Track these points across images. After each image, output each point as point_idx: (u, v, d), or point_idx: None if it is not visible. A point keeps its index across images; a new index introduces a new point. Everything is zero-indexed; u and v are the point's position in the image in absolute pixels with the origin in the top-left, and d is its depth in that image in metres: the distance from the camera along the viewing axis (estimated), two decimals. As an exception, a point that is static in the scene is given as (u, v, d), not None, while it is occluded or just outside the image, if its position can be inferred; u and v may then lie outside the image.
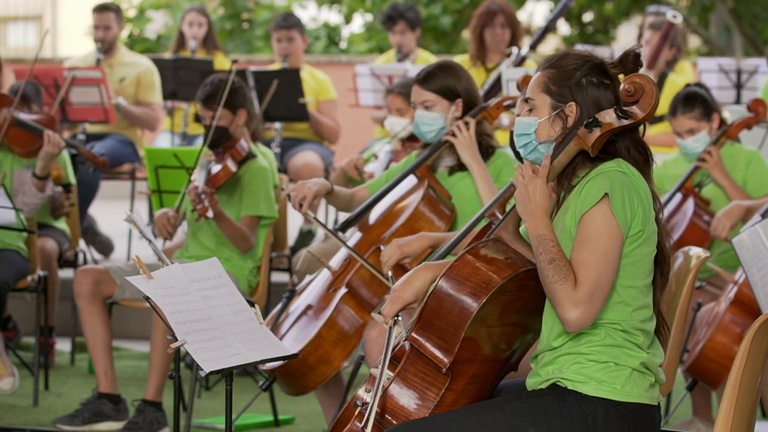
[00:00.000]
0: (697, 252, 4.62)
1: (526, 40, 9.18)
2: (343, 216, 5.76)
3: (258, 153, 6.41)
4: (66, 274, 7.67)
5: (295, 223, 8.73)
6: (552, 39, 19.36)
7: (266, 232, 6.41)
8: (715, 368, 5.59)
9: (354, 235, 5.52)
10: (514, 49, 8.44)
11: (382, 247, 5.09)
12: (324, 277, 5.50)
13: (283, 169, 8.42)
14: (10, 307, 7.24)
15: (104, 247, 9.06)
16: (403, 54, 9.28)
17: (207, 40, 9.73)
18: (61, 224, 7.28)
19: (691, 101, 6.36)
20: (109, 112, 8.39)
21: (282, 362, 5.00)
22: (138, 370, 7.24)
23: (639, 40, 9.21)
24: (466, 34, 15.08)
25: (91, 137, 8.46)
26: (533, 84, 3.74)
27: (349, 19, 19.60)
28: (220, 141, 6.29)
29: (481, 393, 3.69)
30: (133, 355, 7.67)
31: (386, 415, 3.65)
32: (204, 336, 3.94)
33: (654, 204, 3.68)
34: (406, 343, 3.71)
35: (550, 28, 8.92)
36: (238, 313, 4.06)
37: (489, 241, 3.69)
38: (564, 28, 19.97)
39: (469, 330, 3.57)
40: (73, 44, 25.20)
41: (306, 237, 8.68)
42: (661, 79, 8.73)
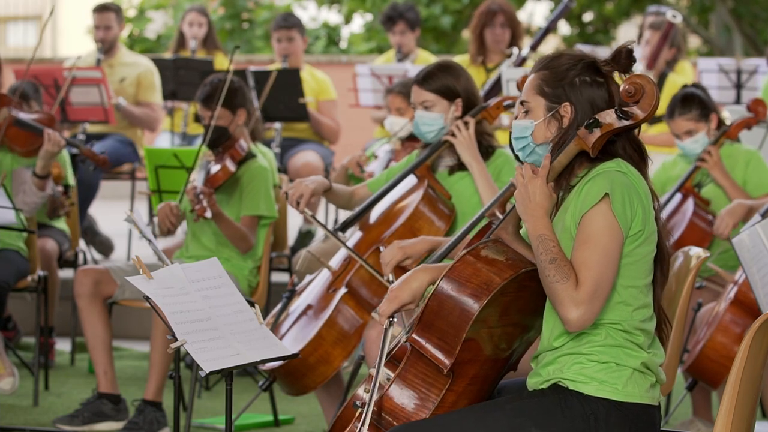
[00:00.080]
0: (697, 252, 4.62)
1: (527, 41, 9.18)
2: (344, 215, 5.75)
3: (258, 153, 6.41)
4: (66, 274, 7.67)
5: (295, 223, 8.73)
6: (552, 39, 19.35)
7: (266, 232, 6.41)
8: (715, 368, 5.59)
9: (354, 235, 5.52)
10: (515, 50, 8.44)
11: (382, 248, 5.08)
12: (324, 277, 5.49)
13: (283, 169, 8.42)
14: (10, 307, 7.24)
15: (104, 247, 9.05)
16: (403, 54, 9.27)
17: (207, 40, 9.73)
18: (61, 224, 7.27)
19: (689, 103, 6.36)
20: (109, 112, 8.39)
21: (282, 362, 5.00)
22: (138, 370, 7.24)
23: (639, 40, 9.20)
24: (466, 34, 15.07)
25: (91, 137, 8.45)
26: (527, 87, 3.74)
27: (349, 19, 19.60)
28: (219, 141, 6.29)
29: (482, 393, 3.69)
30: (133, 355, 7.66)
31: (387, 416, 3.65)
32: (204, 336, 3.94)
33: (653, 202, 3.68)
34: (407, 343, 3.71)
35: (551, 28, 8.92)
36: (238, 313, 4.06)
37: (489, 242, 3.68)
38: (564, 28, 19.97)
39: (470, 331, 3.56)
40: (73, 44, 25.19)
41: (305, 237, 8.68)
42: (661, 79, 8.72)
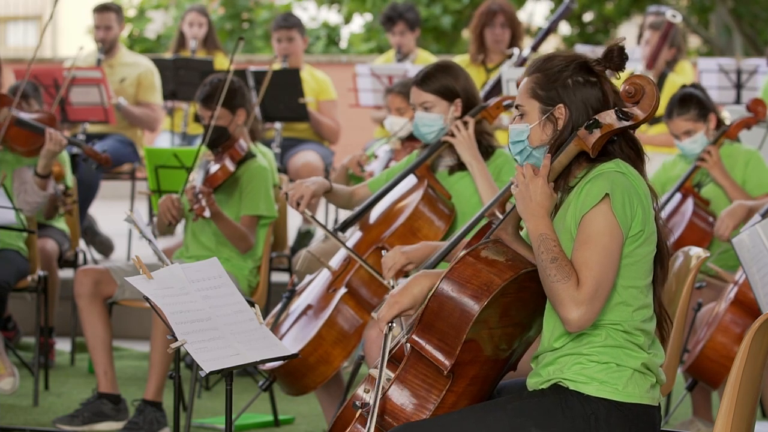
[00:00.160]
0: (697, 252, 4.62)
1: (527, 41, 9.18)
2: (343, 215, 5.75)
3: (257, 153, 6.41)
4: (66, 274, 7.67)
5: (294, 223, 8.73)
6: (552, 39, 19.36)
7: (266, 232, 6.41)
8: (715, 368, 5.58)
9: (354, 235, 5.52)
10: (516, 50, 8.44)
11: (384, 252, 5.07)
12: (324, 277, 5.49)
13: (283, 169, 8.42)
14: (10, 307, 7.24)
15: (104, 247, 9.05)
16: (403, 54, 9.27)
17: (207, 40, 9.73)
18: (61, 224, 7.27)
19: (687, 103, 6.36)
20: (109, 112, 8.39)
21: (282, 362, 5.00)
22: (138, 370, 7.24)
23: (639, 40, 9.21)
24: (466, 34, 15.07)
25: (91, 137, 8.45)
26: (521, 90, 3.74)
27: (348, 19, 19.61)
28: (218, 141, 6.29)
29: (482, 394, 3.69)
30: (133, 355, 7.66)
31: (387, 416, 3.64)
32: (204, 336, 3.94)
33: (652, 202, 3.68)
34: (407, 344, 3.71)
35: (552, 29, 8.91)
36: (238, 313, 4.06)
37: (489, 243, 3.68)
38: (564, 28, 19.98)
39: (470, 332, 3.56)
40: (73, 44, 25.19)
41: (305, 237, 8.68)
42: (661, 79, 8.72)
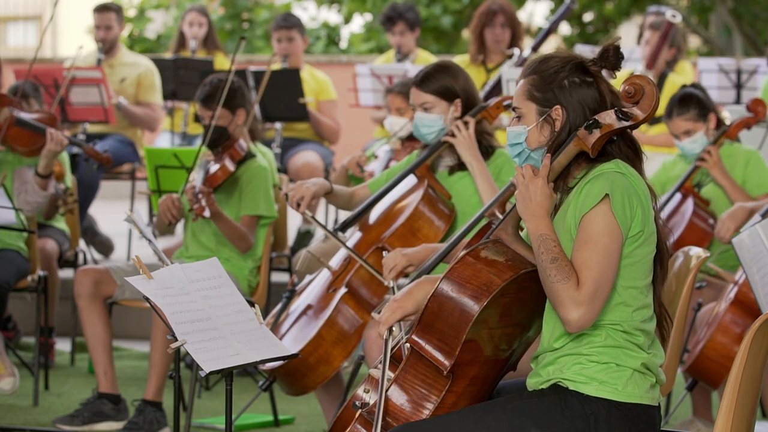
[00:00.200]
0: (697, 252, 4.62)
1: (527, 41, 9.18)
2: (344, 215, 5.75)
3: (257, 152, 6.41)
4: (66, 274, 7.67)
5: (295, 223, 8.73)
6: (552, 39, 19.36)
7: (266, 232, 6.41)
8: (715, 368, 5.58)
9: (354, 235, 5.52)
10: (516, 51, 8.44)
11: (384, 253, 5.07)
12: (324, 277, 5.49)
13: (283, 169, 8.42)
14: (10, 307, 7.24)
15: (104, 247, 9.05)
16: (403, 54, 9.27)
17: (207, 40, 9.73)
18: (61, 224, 7.27)
19: (687, 103, 6.36)
20: (109, 112, 8.39)
21: (282, 362, 5.00)
22: (138, 370, 7.24)
23: (639, 40, 9.21)
24: (466, 34, 15.06)
25: (91, 137, 8.45)
26: (518, 93, 3.74)
27: (348, 19, 19.61)
28: (218, 141, 6.29)
29: (481, 394, 3.69)
30: (133, 355, 7.66)
31: (387, 417, 3.64)
32: (204, 336, 3.94)
33: (652, 202, 3.68)
34: (407, 344, 3.71)
35: (553, 29, 8.91)
36: (238, 313, 4.06)
37: (489, 243, 3.68)
38: (564, 29, 19.98)
39: (470, 332, 3.56)
40: (73, 44, 25.19)
41: (304, 237, 8.68)
42: (661, 79, 8.72)
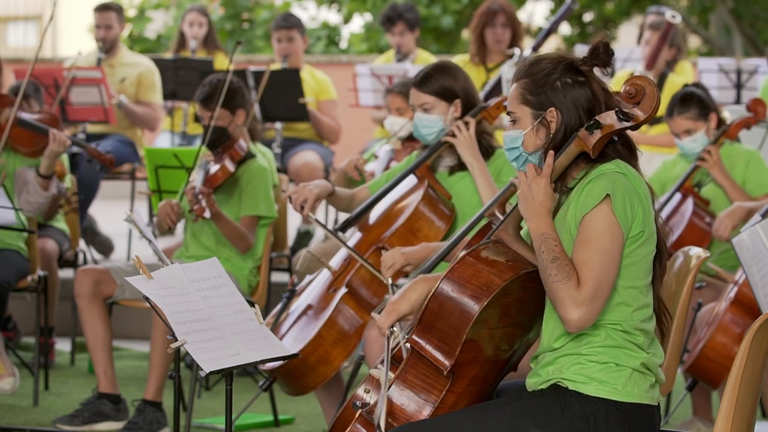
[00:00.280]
0: (697, 252, 4.62)
1: (527, 41, 9.18)
2: (344, 216, 5.75)
3: (257, 153, 6.41)
4: (66, 274, 7.67)
5: (295, 223, 8.73)
6: (552, 39, 19.36)
7: (266, 232, 6.41)
8: (715, 368, 5.58)
9: (354, 235, 5.52)
10: (517, 51, 8.43)
11: (384, 252, 5.07)
12: (324, 277, 5.49)
13: (284, 169, 8.42)
14: (10, 307, 7.23)
15: (104, 247, 9.05)
16: (403, 54, 9.27)
17: (207, 40, 9.73)
18: (61, 224, 7.27)
19: (687, 102, 6.37)
20: (109, 112, 8.39)
21: (282, 362, 5.00)
22: (138, 370, 7.24)
23: (639, 40, 9.21)
24: (466, 34, 15.06)
25: (92, 137, 8.45)
26: (511, 97, 3.74)
27: (348, 19, 19.61)
28: (218, 141, 6.29)
29: (481, 394, 3.69)
30: (133, 355, 7.66)
31: (387, 417, 3.64)
32: (204, 336, 3.94)
33: (652, 202, 3.68)
34: (407, 344, 3.71)
35: (553, 30, 8.91)
36: (238, 313, 4.06)
37: (490, 243, 3.67)
38: (564, 29, 19.98)
39: (470, 332, 3.56)
40: (73, 44, 25.19)
41: (304, 237, 8.68)
42: (661, 79, 8.72)
